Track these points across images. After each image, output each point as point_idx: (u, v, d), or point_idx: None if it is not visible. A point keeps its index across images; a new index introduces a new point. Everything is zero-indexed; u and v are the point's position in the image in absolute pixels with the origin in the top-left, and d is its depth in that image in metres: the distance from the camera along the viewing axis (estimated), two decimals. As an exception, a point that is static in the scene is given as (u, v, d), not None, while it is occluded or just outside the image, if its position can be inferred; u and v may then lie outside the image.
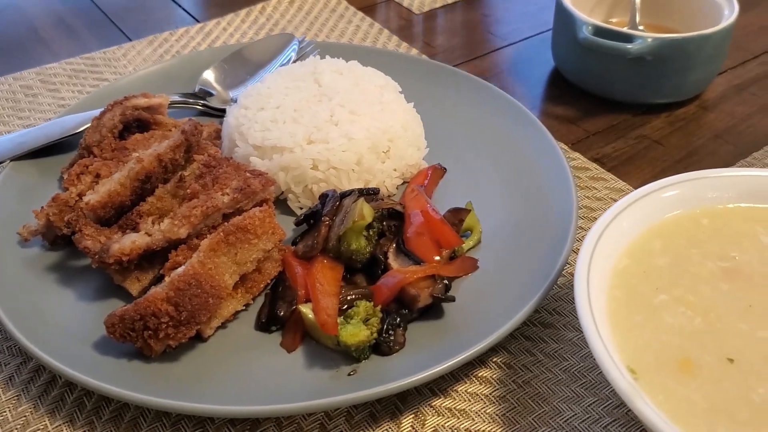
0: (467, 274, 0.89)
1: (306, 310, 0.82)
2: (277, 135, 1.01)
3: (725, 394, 0.66)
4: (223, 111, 1.16)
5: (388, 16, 1.60)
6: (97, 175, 0.95)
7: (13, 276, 0.90)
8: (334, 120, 1.03)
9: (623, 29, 1.20)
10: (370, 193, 0.95)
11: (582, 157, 1.15)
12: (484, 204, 1.00)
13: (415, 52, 1.44)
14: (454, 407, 0.80)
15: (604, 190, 1.09)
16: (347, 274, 0.89)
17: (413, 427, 0.78)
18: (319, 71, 1.10)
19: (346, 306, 0.84)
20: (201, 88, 1.21)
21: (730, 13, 1.22)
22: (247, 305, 0.86)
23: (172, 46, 1.45)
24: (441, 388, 0.82)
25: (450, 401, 0.80)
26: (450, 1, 1.63)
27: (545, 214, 0.96)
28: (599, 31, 1.19)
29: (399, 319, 0.82)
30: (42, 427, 0.78)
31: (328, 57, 1.16)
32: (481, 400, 0.80)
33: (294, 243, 0.93)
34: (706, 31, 1.18)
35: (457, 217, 0.95)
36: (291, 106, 1.04)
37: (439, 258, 0.89)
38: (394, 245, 0.91)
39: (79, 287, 0.90)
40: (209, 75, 1.22)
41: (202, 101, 1.19)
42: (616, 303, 0.76)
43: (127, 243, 0.84)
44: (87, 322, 0.84)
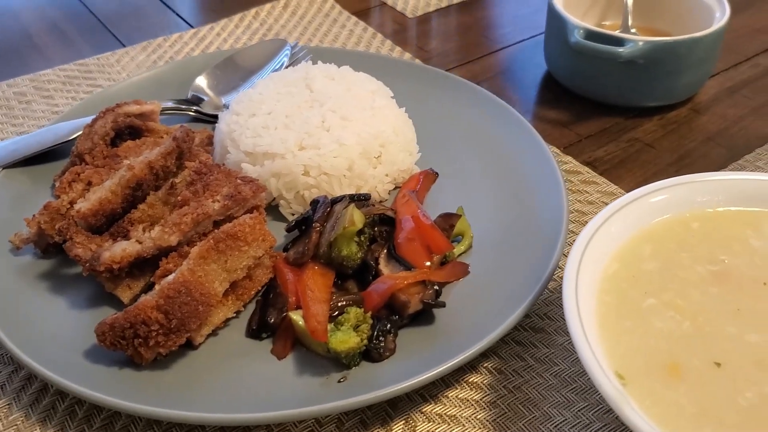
0: (458, 280, 0.89)
1: (296, 317, 0.82)
2: (269, 141, 1.01)
3: (713, 399, 0.67)
4: (215, 117, 1.16)
5: (381, 20, 1.60)
6: (88, 183, 0.95)
7: (5, 284, 0.90)
8: (325, 126, 1.03)
9: (614, 33, 1.20)
10: (361, 199, 0.95)
11: (574, 160, 1.15)
12: (476, 208, 1.00)
13: (408, 56, 1.44)
14: (445, 413, 0.80)
15: (595, 193, 1.09)
16: (338, 281, 0.90)
17: (404, 434, 0.78)
18: (311, 77, 1.11)
19: (336, 312, 0.84)
20: (194, 94, 1.21)
21: (721, 16, 1.22)
22: (237, 312, 0.87)
23: (165, 52, 1.45)
24: (432, 393, 0.82)
25: (441, 407, 0.81)
26: (444, 4, 1.63)
27: (536, 218, 0.96)
28: (590, 35, 1.19)
29: (389, 325, 0.83)
30: (33, 435, 0.78)
31: (320, 62, 1.16)
32: (472, 405, 0.81)
33: (285, 249, 0.93)
34: (697, 34, 1.18)
35: (447, 222, 0.95)
36: (282, 111, 1.05)
37: (430, 263, 0.89)
38: (385, 251, 0.91)
39: (71, 295, 0.90)
40: (202, 81, 1.22)
41: (195, 107, 1.19)
42: (605, 308, 0.76)
43: (118, 251, 0.84)
44: (78, 330, 0.84)
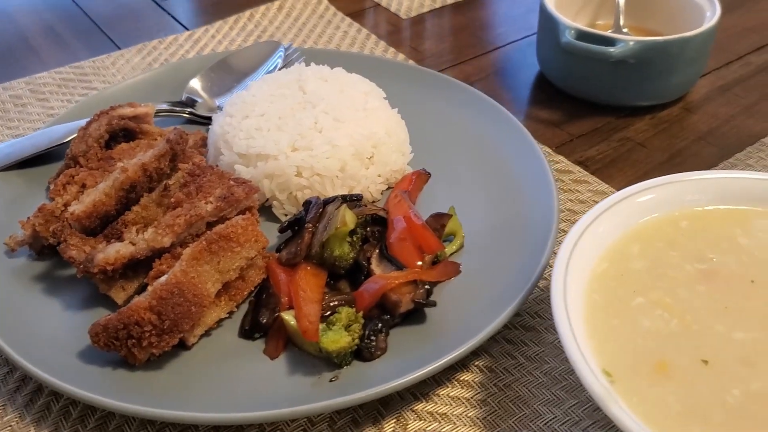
0: (449, 279, 0.90)
1: (288, 317, 0.82)
2: (262, 143, 1.02)
3: (699, 396, 0.67)
4: (209, 119, 1.16)
5: (375, 21, 1.60)
6: (82, 185, 0.96)
7: (0, 286, 0.90)
8: (318, 127, 1.03)
9: (605, 33, 1.21)
10: (353, 200, 0.96)
11: (565, 160, 1.16)
12: (469, 208, 1.01)
13: (402, 57, 1.44)
14: (436, 411, 0.81)
15: (587, 192, 1.10)
16: (331, 281, 0.90)
17: (395, 432, 0.79)
18: (304, 78, 1.11)
19: (329, 312, 0.85)
20: (188, 96, 1.22)
21: (712, 15, 1.23)
22: (230, 313, 0.87)
23: (161, 54, 1.46)
24: (423, 392, 0.82)
25: (432, 405, 0.81)
26: (437, 5, 1.64)
27: (527, 217, 0.97)
28: (582, 35, 1.20)
29: (381, 324, 0.83)
30: (28, 436, 0.79)
31: (314, 64, 1.17)
32: (463, 403, 0.81)
33: (278, 250, 0.93)
34: (688, 34, 1.19)
35: (439, 222, 0.96)
36: (276, 113, 1.05)
37: (422, 263, 0.90)
38: (377, 251, 0.91)
39: (66, 297, 0.90)
40: (196, 83, 1.23)
41: (189, 109, 1.20)
42: (594, 307, 0.77)
43: (112, 252, 0.85)
44: (73, 332, 0.85)
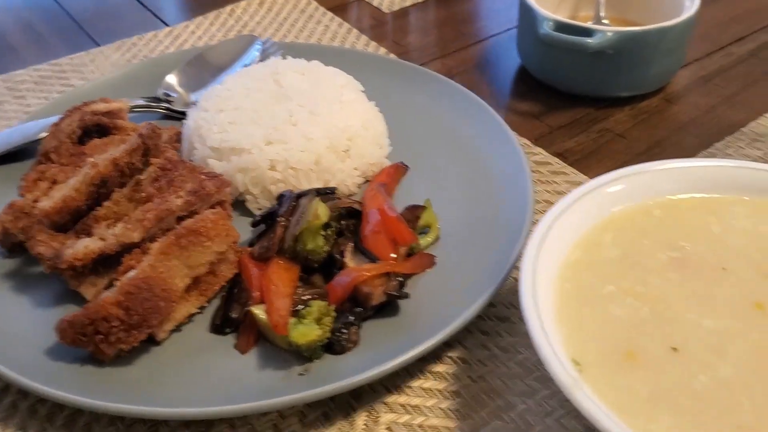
0: (424, 271, 0.89)
1: (259, 311, 0.82)
2: (235, 136, 1.01)
3: (667, 383, 0.67)
4: (185, 114, 1.16)
5: (358, 15, 1.60)
6: (53, 181, 0.95)
7: (-30, 284, 0.90)
8: (293, 120, 1.03)
9: (583, 24, 1.20)
10: (326, 193, 0.95)
11: (544, 152, 1.15)
12: (446, 201, 1.00)
13: (383, 51, 1.44)
14: (408, 403, 0.80)
15: (564, 183, 1.09)
16: (306, 275, 0.90)
17: (367, 425, 0.78)
18: (280, 72, 1.10)
19: (300, 306, 0.84)
20: (164, 92, 1.21)
21: (691, 5, 1.23)
22: (202, 308, 0.86)
23: (140, 51, 1.45)
24: (395, 384, 0.82)
25: (404, 397, 0.81)
26: (420, -1, 1.64)
27: (503, 209, 0.96)
28: (560, 27, 1.19)
29: (352, 317, 0.83)
30: (-5, 434, 0.78)
31: (290, 57, 1.16)
32: (436, 395, 0.81)
33: (251, 245, 0.93)
34: (666, 24, 1.18)
35: (413, 214, 0.95)
36: (250, 107, 1.04)
37: (396, 255, 0.90)
38: (351, 244, 0.91)
39: (36, 294, 0.89)
40: (172, 78, 1.22)
41: (165, 105, 1.19)
42: (565, 295, 0.76)
43: (81, 248, 0.84)
44: (43, 329, 0.84)
